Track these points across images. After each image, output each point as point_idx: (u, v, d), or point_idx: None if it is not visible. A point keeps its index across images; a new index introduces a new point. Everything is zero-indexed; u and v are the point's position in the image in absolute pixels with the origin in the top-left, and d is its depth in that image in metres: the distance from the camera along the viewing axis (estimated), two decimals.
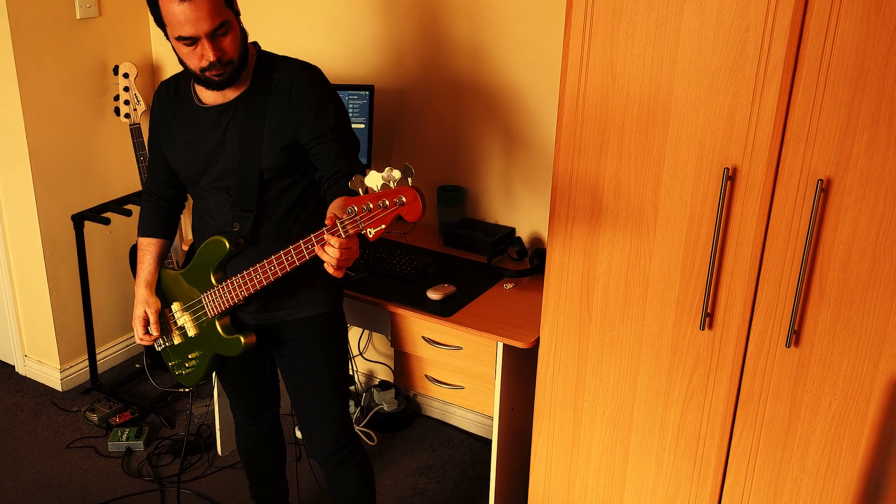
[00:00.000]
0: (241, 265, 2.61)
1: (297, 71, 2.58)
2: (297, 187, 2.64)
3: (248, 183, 2.59)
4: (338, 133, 2.57)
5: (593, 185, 2.54)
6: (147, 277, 2.85)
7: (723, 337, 2.48)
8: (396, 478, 3.80)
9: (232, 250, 2.63)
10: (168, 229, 2.92)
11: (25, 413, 4.25)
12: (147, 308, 2.83)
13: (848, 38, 2.07)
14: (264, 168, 2.57)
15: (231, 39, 2.46)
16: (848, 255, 2.23)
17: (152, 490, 3.72)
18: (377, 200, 2.14)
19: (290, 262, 2.44)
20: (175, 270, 2.80)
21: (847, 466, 2.42)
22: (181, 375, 2.92)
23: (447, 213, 3.60)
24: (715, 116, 2.29)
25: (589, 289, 2.66)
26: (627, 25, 2.34)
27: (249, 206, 2.61)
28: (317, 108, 2.54)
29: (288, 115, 2.54)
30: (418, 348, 3.17)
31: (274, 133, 2.55)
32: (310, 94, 2.55)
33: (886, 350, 2.25)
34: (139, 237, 2.90)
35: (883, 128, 2.09)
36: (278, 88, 2.55)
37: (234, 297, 2.62)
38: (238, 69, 2.51)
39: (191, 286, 2.73)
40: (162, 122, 2.74)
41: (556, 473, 2.95)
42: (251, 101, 2.57)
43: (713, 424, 2.58)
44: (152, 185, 2.89)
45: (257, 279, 2.53)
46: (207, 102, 2.63)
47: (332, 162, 2.56)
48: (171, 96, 2.71)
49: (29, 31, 3.86)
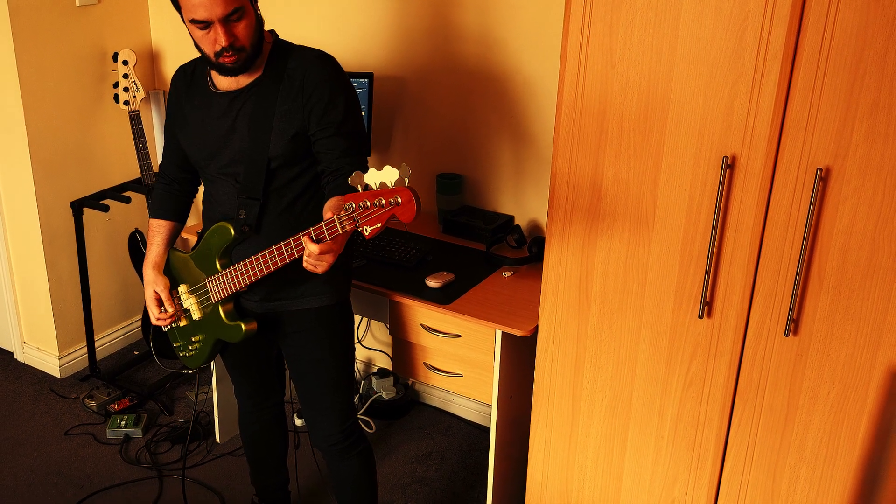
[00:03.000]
0: (247, 252, 2.61)
1: (310, 61, 2.58)
2: (305, 177, 2.64)
3: (256, 171, 2.59)
4: (344, 128, 2.56)
5: (592, 174, 2.54)
6: (155, 258, 2.86)
7: (721, 325, 2.48)
8: (395, 465, 3.80)
9: (237, 237, 2.63)
10: (180, 212, 2.93)
11: (24, 400, 4.25)
12: (157, 288, 2.83)
13: (847, 27, 2.07)
14: (272, 156, 2.57)
15: (244, 26, 2.46)
16: (847, 244, 2.23)
17: (151, 477, 3.72)
18: (374, 198, 2.15)
19: (289, 254, 2.45)
20: (184, 253, 2.81)
21: (845, 455, 2.42)
22: (185, 357, 2.94)
23: (446, 201, 3.60)
24: (714, 105, 2.29)
25: (588, 277, 2.66)
26: (627, 13, 2.33)
27: (256, 194, 2.61)
28: (327, 100, 2.54)
29: (298, 105, 2.54)
30: (417, 336, 3.17)
31: (283, 122, 2.55)
32: (321, 86, 2.54)
33: (885, 339, 2.25)
34: (150, 218, 2.92)
35: (882, 116, 2.09)
36: (290, 78, 2.55)
37: (238, 284, 2.62)
38: (252, 57, 2.52)
39: (197, 270, 2.75)
40: (177, 105, 2.75)
41: (554, 461, 2.95)
42: (263, 88, 2.57)
43: (712, 412, 2.58)
44: (166, 168, 2.90)
45: (258, 268, 2.54)
46: (221, 88, 2.64)
47: (335, 158, 2.56)
48: (188, 80, 2.72)
49: (28, 18, 3.85)
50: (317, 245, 2.28)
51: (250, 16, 2.48)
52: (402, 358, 3.33)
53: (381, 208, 2.15)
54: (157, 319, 2.87)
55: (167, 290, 2.83)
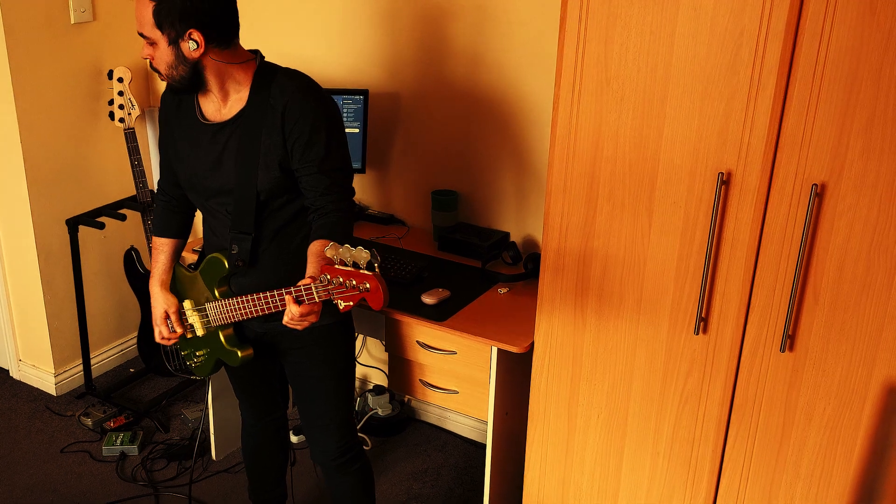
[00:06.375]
0: (245, 281, 2.65)
1: (290, 92, 2.52)
2: (294, 204, 2.64)
3: (246, 207, 2.59)
4: (326, 165, 2.54)
5: (588, 189, 2.54)
6: (161, 276, 2.87)
7: (717, 342, 2.48)
8: (391, 482, 3.79)
9: (231, 270, 2.66)
10: (181, 229, 2.93)
11: (20, 418, 4.24)
12: (168, 308, 2.84)
13: (842, 43, 2.08)
14: (260, 189, 2.56)
15: (157, 57, 2.51)
16: (842, 261, 2.23)
17: (147, 494, 3.71)
18: (347, 278, 2.22)
19: (275, 306, 2.50)
20: (189, 271, 2.82)
21: (841, 472, 2.42)
22: (191, 366, 2.97)
23: (441, 218, 3.60)
24: (709, 121, 2.29)
25: (583, 293, 2.66)
26: (622, 30, 2.34)
27: (248, 228, 2.61)
28: (307, 136, 2.50)
29: (280, 140, 2.52)
30: (413, 353, 3.17)
31: (268, 156, 2.53)
32: (301, 121, 2.50)
33: (881, 355, 2.25)
34: (153, 236, 2.92)
35: (877, 133, 2.09)
36: (273, 108, 2.52)
37: (235, 317, 2.65)
38: (177, 86, 2.56)
39: (200, 289, 2.77)
40: (167, 128, 2.75)
41: (550, 478, 2.95)
42: (247, 120, 2.55)
43: (707, 429, 2.58)
44: (164, 185, 2.90)
45: (249, 309, 2.59)
46: (207, 117, 2.63)
47: (318, 196, 2.56)
48: (177, 102, 2.71)
49: (23, 36, 3.85)
50: (298, 307, 2.36)
51: (161, 52, 2.49)
52: (398, 375, 3.33)
53: (352, 289, 2.22)
54: (161, 339, 2.88)
55: (177, 311, 2.84)
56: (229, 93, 2.58)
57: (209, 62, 2.51)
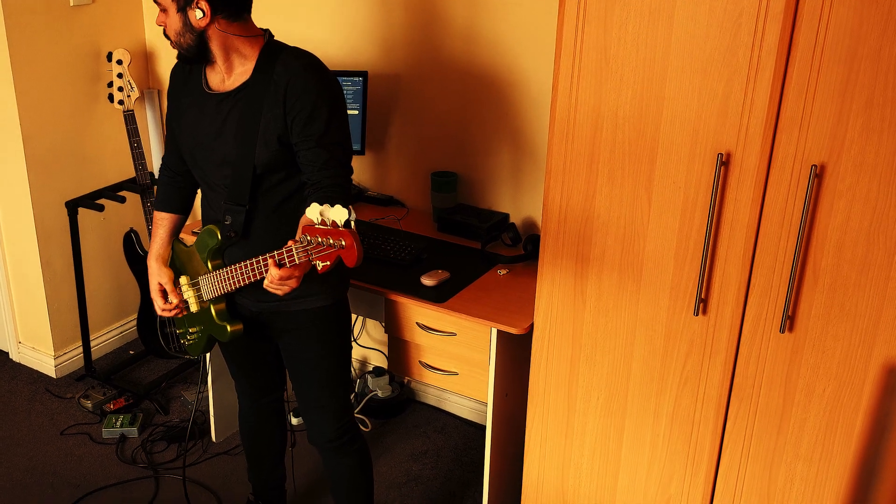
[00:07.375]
0: (238, 254, 2.63)
1: (294, 68, 2.54)
2: (292, 180, 2.64)
3: (242, 178, 2.60)
4: (325, 140, 2.55)
5: (587, 170, 2.54)
6: (159, 251, 2.90)
7: (717, 322, 2.48)
8: (390, 464, 3.80)
9: (223, 242, 2.67)
10: (183, 204, 2.96)
11: (19, 400, 4.24)
12: (161, 280, 2.87)
13: (842, 23, 2.07)
14: (258, 163, 2.57)
15: (168, 24, 2.56)
16: (842, 241, 2.23)
17: (147, 476, 3.72)
18: (324, 236, 2.22)
19: (260, 272, 2.50)
20: (186, 246, 2.84)
21: (841, 452, 2.42)
22: (185, 344, 2.99)
23: (441, 199, 3.59)
24: (708, 101, 2.29)
25: (583, 275, 2.66)
26: (621, 10, 2.33)
27: (242, 200, 2.62)
28: (309, 111, 2.52)
29: (280, 114, 2.53)
30: (412, 334, 3.17)
31: (268, 130, 2.54)
32: (303, 96, 2.52)
33: (880, 335, 2.25)
34: (154, 210, 2.95)
35: (877, 113, 2.09)
36: (276, 84, 2.53)
37: (223, 288, 2.67)
38: (186, 55, 2.61)
39: (196, 264, 2.79)
40: (174, 100, 2.78)
41: (550, 459, 2.95)
42: (249, 93, 2.57)
43: (707, 410, 2.58)
44: (169, 160, 2.93)
45: (236, 278, 2.59)
46: (212, 87, 2.66)
47: (315, 171, 2.56)
48: (185, 76, 2.74)
49: (22, 18, 3.84)
50: (279, 270, 2.35)
51: (172, 18, 2.55)
52: (397, 356, 3.33)
53: (328, 247, 2.22)
54: (161, 311, 2.90)
55: (171, 282, 2.87)
56: (234, 65, 2.61)
57: (215, 32, 2.55)
